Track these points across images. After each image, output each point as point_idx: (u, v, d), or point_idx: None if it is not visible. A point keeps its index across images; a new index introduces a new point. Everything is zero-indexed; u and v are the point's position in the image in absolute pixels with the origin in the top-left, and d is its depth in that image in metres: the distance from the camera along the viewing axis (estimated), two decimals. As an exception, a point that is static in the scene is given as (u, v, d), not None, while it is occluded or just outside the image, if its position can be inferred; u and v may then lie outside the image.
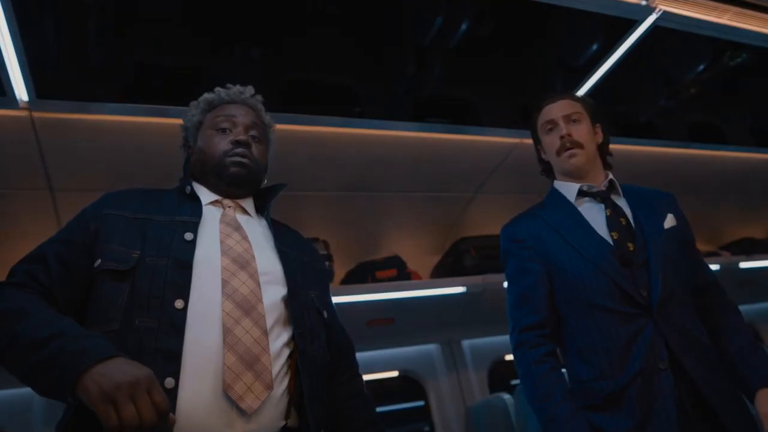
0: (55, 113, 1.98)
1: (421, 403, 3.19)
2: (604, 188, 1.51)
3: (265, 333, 1.05)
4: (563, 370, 1.43)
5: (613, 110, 2.75)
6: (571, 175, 1.54)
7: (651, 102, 2.78)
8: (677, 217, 1.50)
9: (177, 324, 1.00)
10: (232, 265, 1.10)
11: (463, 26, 2.04)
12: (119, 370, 0.82)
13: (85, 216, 1.16)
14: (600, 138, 1.60)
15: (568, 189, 1.53)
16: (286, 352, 1.10)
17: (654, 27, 2.17)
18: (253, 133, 1.32)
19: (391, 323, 2.78)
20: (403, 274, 2.86)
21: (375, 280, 2.81)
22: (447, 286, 2.78)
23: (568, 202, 1.52)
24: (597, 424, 1.30)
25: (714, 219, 3.93)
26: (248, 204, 1.32)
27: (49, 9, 1.66)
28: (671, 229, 1.45)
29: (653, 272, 1.35)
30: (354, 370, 1.36)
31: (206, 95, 1.38)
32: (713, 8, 2.19)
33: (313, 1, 1.87)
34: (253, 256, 1.15)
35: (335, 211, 2.84)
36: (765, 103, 3.02)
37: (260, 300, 1.09)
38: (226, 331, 1.01)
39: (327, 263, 1.44)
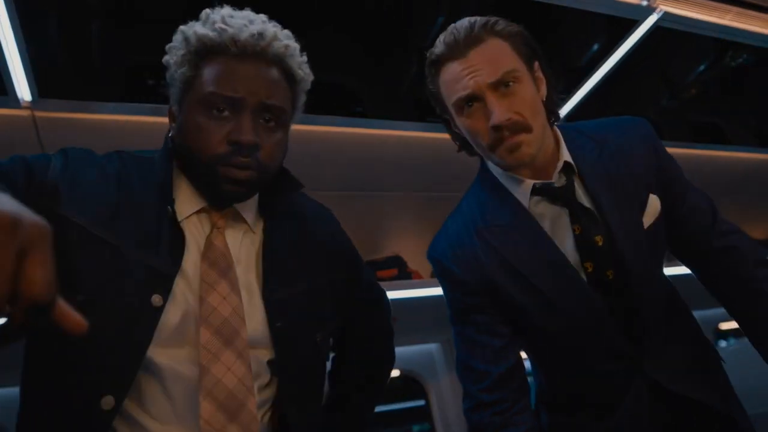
0: (58, 112, 1.98)
1: (421, 402, 3.19)
2: (564, 182, 1.05)
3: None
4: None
5: (614, 111, 2.74)
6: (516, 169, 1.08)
7: (652, 102, 2.78)
8: (658, 182, 1.09)
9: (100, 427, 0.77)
10: (214, 341, 0.80)
11: (465, 26, 2.05)
12: None
13: (48, 163, 0.86)
14: (544, 89, 1.04)
15: (517, 188, 1.08)
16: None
17: (655, 27, 2.17)
18: (267, 115, 0.90)
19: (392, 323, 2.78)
20: (403, 274, 2.86)
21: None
22: (448, 285, 2.77)
23: (522, 208, 1.07)
24: None
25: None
26: (248, 210, 0.97)
27: (52, 8, 1.66)
28: (655, 225, 1.07)
29: (640, 310, 1.04)
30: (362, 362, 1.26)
31: (197, 29, 0.91)
32: (714, 9, 2.18)
33: (314, 1, 1.87)
34: (243, 320, 0.84)
35: (336, 211, 2.81)
36: (766, 103, 3.02)
37: (251, 392, 0.83)
38: None
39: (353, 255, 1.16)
